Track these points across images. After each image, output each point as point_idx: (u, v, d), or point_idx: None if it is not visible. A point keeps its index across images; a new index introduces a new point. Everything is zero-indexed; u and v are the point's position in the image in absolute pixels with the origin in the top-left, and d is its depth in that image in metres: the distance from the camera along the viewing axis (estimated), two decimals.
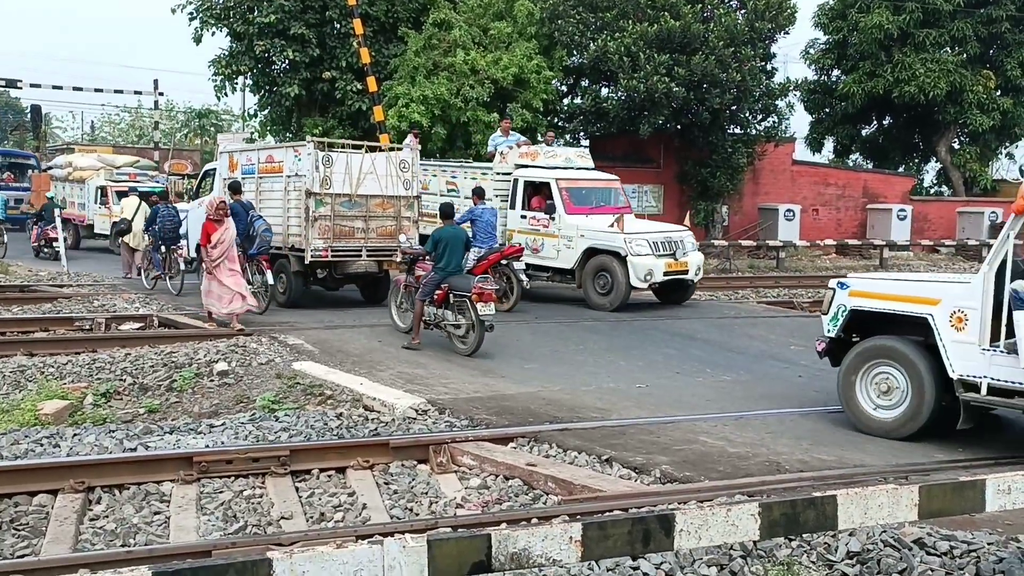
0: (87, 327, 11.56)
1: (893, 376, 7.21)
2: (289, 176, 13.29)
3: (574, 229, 13.67)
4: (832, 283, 7.92)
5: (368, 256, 13.11)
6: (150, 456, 6.40)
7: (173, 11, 22.99)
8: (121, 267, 17.41)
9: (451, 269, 10.35)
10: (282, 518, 5.63)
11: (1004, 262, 6.61)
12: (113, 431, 7.20)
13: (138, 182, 22.91)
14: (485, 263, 12.36)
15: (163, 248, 14.79)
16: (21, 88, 33.32)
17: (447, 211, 10.94)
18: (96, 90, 34.48)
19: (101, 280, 16.69)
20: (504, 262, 13.00)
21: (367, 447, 6.68)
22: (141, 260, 16.23)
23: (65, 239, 19.51)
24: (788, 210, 25.53)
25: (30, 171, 30.95)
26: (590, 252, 13.61)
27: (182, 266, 14.51)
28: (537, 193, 14.43)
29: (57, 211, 20.08)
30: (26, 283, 16.02)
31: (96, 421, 7.68)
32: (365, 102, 21.52)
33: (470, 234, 11.99)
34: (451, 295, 10.27)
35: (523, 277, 13.30)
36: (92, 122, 54.80)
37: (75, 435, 7.05)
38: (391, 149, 14.88)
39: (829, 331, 7.75)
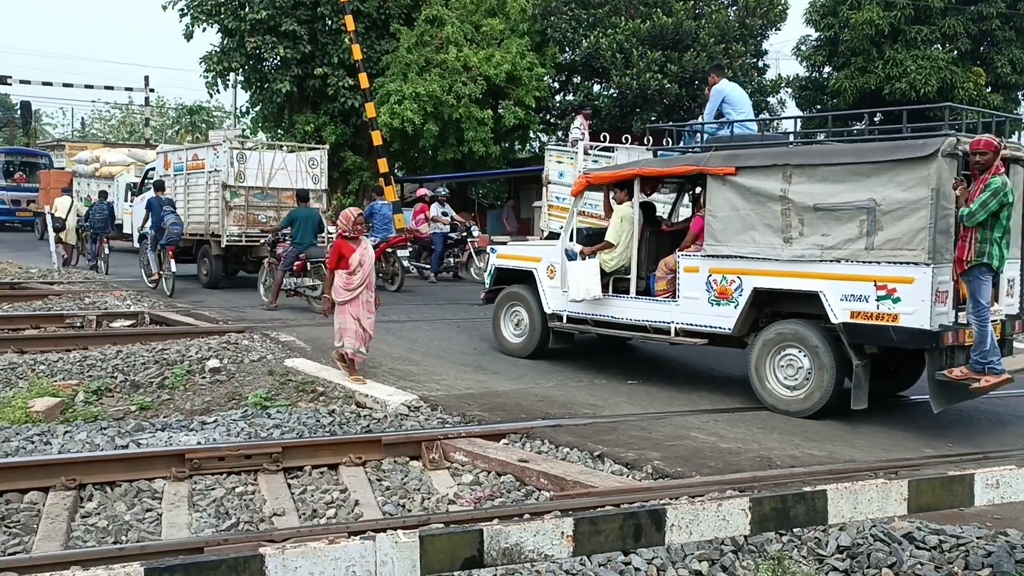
0: (78, 324, 11.52)
1: (522, 311, 10.03)
2: (210, 172, 15.24)
3: None
4: (488, 249, 11.30)
5: (269, 238, 14.27)
6: (142, 453, 6.38)
7: (164, 7, 22.95)
8: (54, 258, 18.77)
9: (305, 243, 12.73)
10: (274, 515, 5.63)
11: (574, 230, 9.66)
12: (105, 428, 7.18)
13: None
14: (379, 249, 14.55)
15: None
16: (11, 84, 33.06)
17: (303, 195, 13.56)
18: (86, 86, 34.24)
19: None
20: (391, 250, 15.40)
21: (359, 444, 6.68)
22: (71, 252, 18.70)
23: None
24: None
25: (40, 170, 29.97)
26: None
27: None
28: None
29: (49, 212, 19.83)
30: (17, 280, 15.95)
31: (87, 418, 7.65)
32: (357, 99, 21.51)
33: (371, 226, 14.73)
34: (308, 263, 12.61)
35: (406, 263, 15.83)
36: (82, 118, 54.71)
37: (66, 432, 7.02)
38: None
39: (487, 284, 10.70)
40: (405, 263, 15.70)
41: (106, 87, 36.24)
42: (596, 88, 24.33)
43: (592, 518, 3.07)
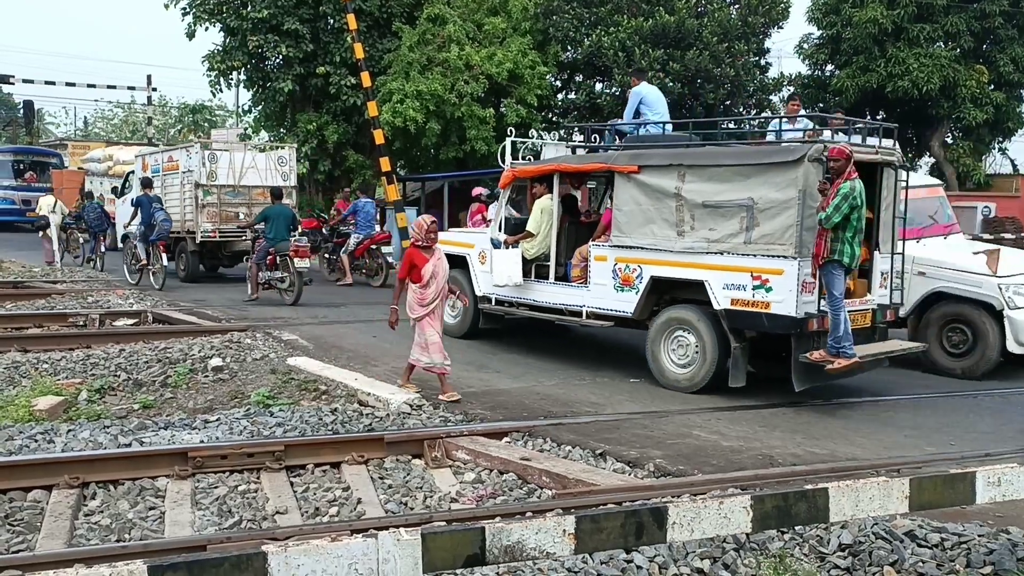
0: (81, 323, 11.54)
1: (461, 289, 10.18)
2: (184, 172, 16.19)
3: (907, 262, 9.31)
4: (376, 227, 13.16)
5: (250, 236, 15.29)
6: (145, 452, 6.39)
7: (166, 6, 22.93)
8: (44, 255, 19.39)
9: (278, 238, 13.32)
10: (277, 513, 5.64)
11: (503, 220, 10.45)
12: (108, 427, 7.20)
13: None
14: (363, 246, 15.65)
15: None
16: (14, 84, 32.89)
17: (277, 193, 14.21)
18: (89, 85, 34.15)
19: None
20: (374, 246, 15.99)
21: (362, 442, 6.69)
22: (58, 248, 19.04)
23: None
24: None
25: (50, 170, 29.68)
26: (934, 297, 9.72)
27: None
28: None
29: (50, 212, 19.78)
30: (20, 279, 15.98)
31: (90, 417, 7.67)
32: (359, 97, 21.50)
33: (354, 223, 15.89)
34: (278, 258, 13.31)
35: (390, 259, 16.08)
36: (85, 117, 54.77)
37: (69, 431, 7.04)
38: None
39: None
40: (389, 259, 16.17)
41: (109, 86, 36.06)
42: (598, 87, 24.30)
43: (594, 516, 3.07)
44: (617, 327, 9.44)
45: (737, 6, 22.62)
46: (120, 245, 18.51)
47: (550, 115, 23.80)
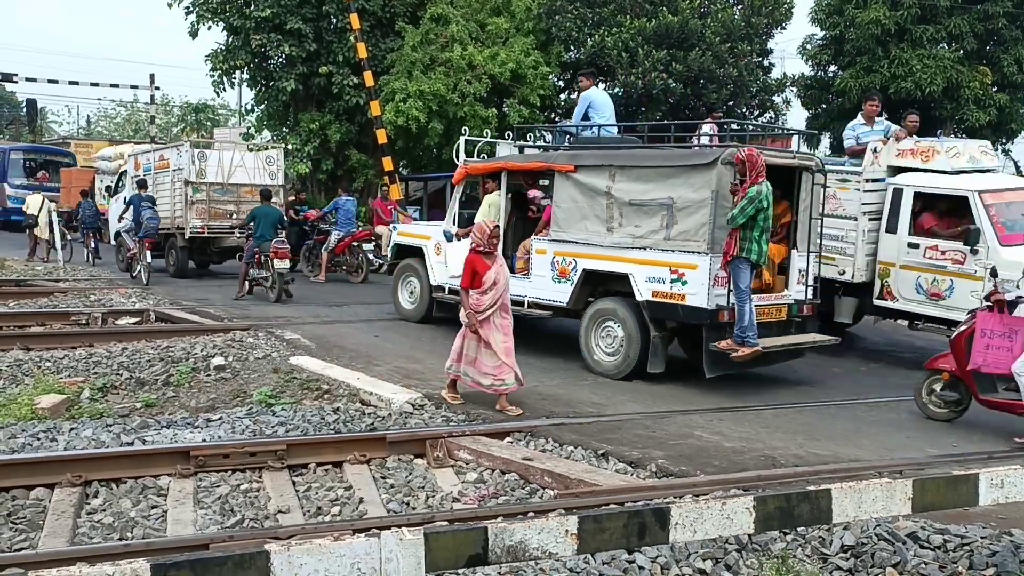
0: (84, 322, 11.55)
1: (415, 281, 11.78)
2: (174, 170, 16.55)
3: (1018, 269, 8.36)
4: (391, 228, 13.41)
5: (241, 233, 15.82)
6: (147, 450, 6.40)
7: (169, 5, 22.93)
8: (28, 253, 19.69)
9: (264, 237, 13.75)
10: (279, 512, 5.64)
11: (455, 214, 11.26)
12: (110, 425, 7.20)
13: None
14: (344, 243, 16.00)
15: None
16: (17, 82, 32.96)
17: (266, 194, 14.69)
18: (92, 84, 34.35)
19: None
20: (355, 244, 16.35)
21: (364, 441, 6.69)
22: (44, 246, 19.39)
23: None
24: None
25: (63, 169, 29.13)
26: None
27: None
28: (931, 209, 10.10)
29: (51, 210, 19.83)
30: (22, 278, 16.00)
31: (93, 415, 7.67)
32: (362, 97, 21.49)
33: (334, 220, 16.33)
34: (262, 257, 13.82)
35: (371, 256, 16.49)
36: (88, 116, 54.81)
37: (72, 429, 7.05)
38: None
39: (389, 257, 12.54)
40: (370, 256, 16.60)
41: (112, 85, 36.04)
42: (601, 87, 24.29)
43: (596, 516, 3.07)
44: (556, 317, 10.11)
45: (740, 7, 22.62)
46: (113, 242, 18.99)
47: (553, 115, 23.79)
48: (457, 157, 11.18)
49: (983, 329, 7.28)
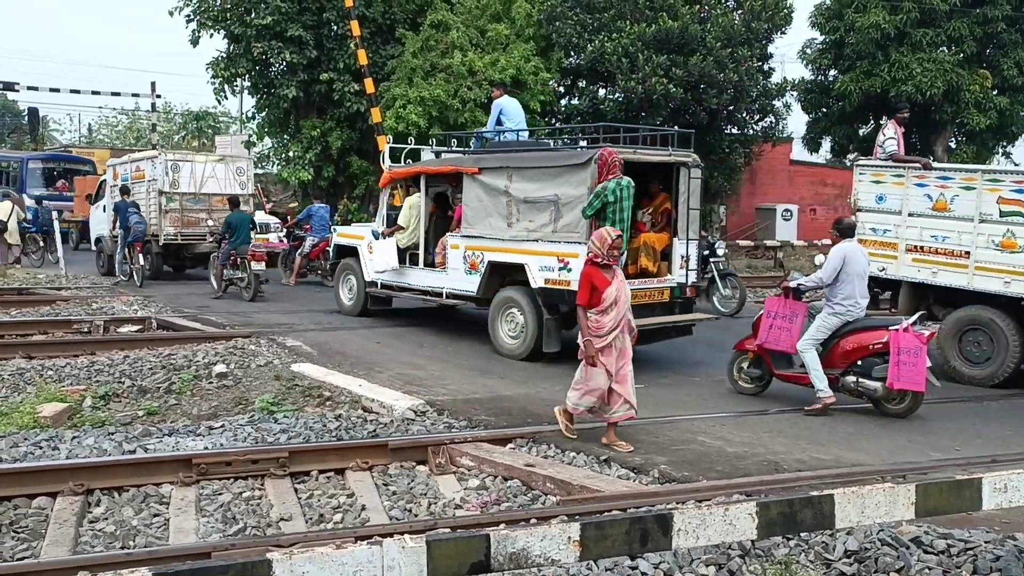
0: (85, 330, 11.56)
1: (353, 279, 12.78)
2: (149, 181, 17.57)
3: None
4: (332, 231, 14.18)
5: (212, 239, 16.71)
6: (149, 458, 6.40)
7: (171, 13, 22.97)
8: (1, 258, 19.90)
9: (239, 242, 14.78)
10: (281, 520, 5.64)
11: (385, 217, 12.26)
12: (112, 434, 7.20)
13: None
14: (318, 249, 16.60)
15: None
16: (18, 91, 32.92)
17: (235, 201, 15.96)
18: (93, 92, 34.18)
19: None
20: (329, 249, 16.09)
21: (366, 448, 6.69)
22: (15, 252, 19.99)
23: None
24: (786, 210, 25.59)
25: (77, 177, 28.07)
26: None
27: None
28: None
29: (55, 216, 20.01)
30: (24, 286, 16.01)
31: (95, 424, 7.68)
32: (362, 104, 21.51)
33: (309, 227, 17.10)
34: (239, 259, 14.83)
35: None
36: (89, 124, 54.91)
37: (74, 438, 7.05)
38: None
39: (332, 257, 13.66)
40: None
41: (113, 93, 36.05)
42: (601, 92, 24.32)
43: (599, 523, 3.06)
44: (469, 306, 11.32)
45: (740, 12, 22.63)
46: (93, 248, 20.05)
47: (553, 121, 23.81)
48: (383, 163, 12.12)
49: (769, 311, 8.52)
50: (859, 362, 7.99)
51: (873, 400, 7.99)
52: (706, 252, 13.94)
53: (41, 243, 21.06)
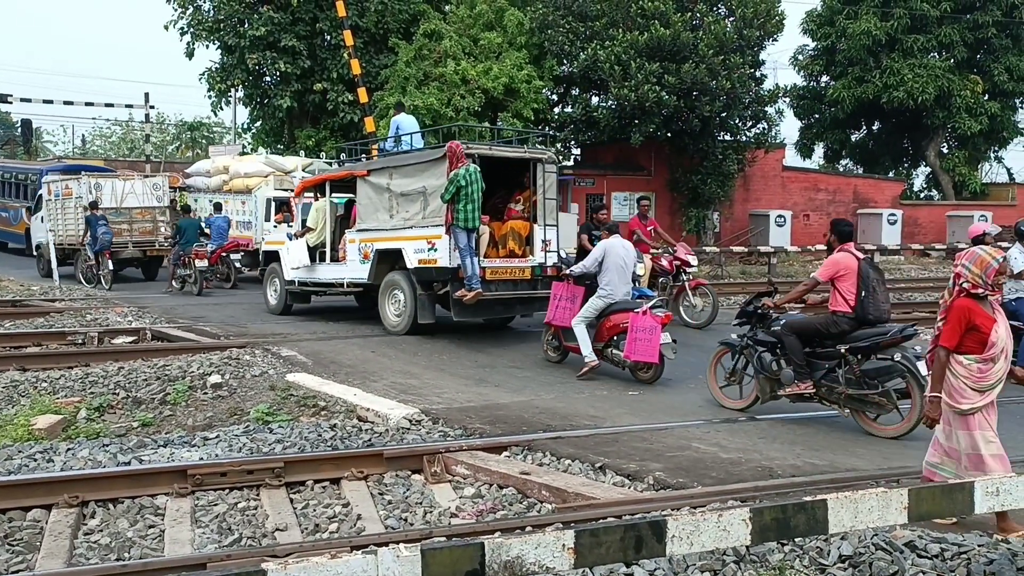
0: (80, 341, 11.54)
1: (277, 281, 14.23)
2: (76, 198, 19.78)
3: None
4: (264, 241, 16.21)
5: (134, 246, 19.74)
6: (144, 470, 6.39)
7: (166, 27, 23.02)
8: None
9: (189, 242, 17.36)
10: (277, 530, 5.63)
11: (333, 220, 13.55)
12: (107, 445, 7.19)
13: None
14: (215, 255, 18.26)
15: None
16: (11, 103, 32.89)
17: (186, 208, 19.20)
18: (87, 104, 34.17)
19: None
20: (224, 254, 18.65)
21: (361, 458, 6.68)
22: None
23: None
24: (779, 216, 25.65)
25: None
26: None
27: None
28: None
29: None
30: (18, 298, 15.99)
31: (90, 435, 7.66)
32: (356, 113, 21.57)
33: (209, 234, 18.51)
34: (187, 258, 17.23)
35: (237, 265, 19.22)
36: (83, 136, 54.75)
37: (69, 450, 7.03)
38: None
39: (261, 264, 15.47)
40: (237, 264, 19.28)
41: (107, 104, 36.14)
42: (594, 100, 24.41)
43: (593, 530, 3.07)
44: (366, 292, 12.65)
45: (732, 19, 22.74)
46: (35, 255, 22.08)
47: (547, 128, 23.87)
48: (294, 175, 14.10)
49: (556, 294, 10.13)
50: (615, 337, 9.56)
51: (627, 368, 9.52)
52: (677, 264, 13.06)
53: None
